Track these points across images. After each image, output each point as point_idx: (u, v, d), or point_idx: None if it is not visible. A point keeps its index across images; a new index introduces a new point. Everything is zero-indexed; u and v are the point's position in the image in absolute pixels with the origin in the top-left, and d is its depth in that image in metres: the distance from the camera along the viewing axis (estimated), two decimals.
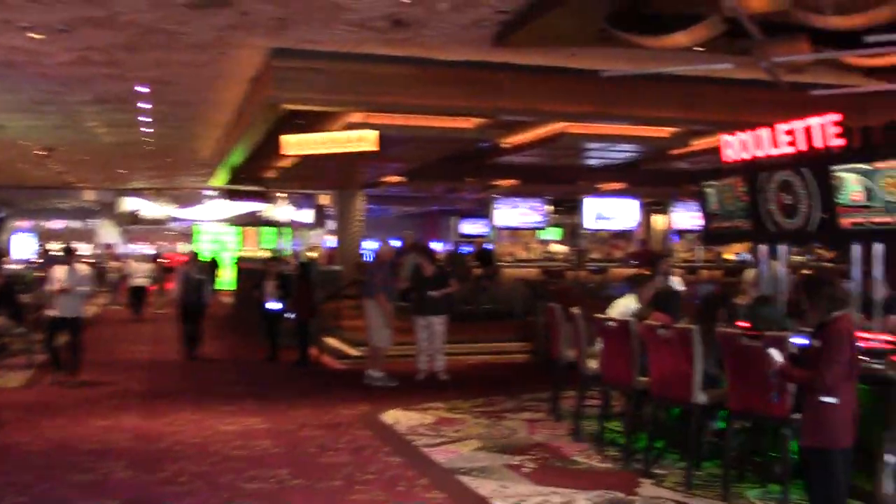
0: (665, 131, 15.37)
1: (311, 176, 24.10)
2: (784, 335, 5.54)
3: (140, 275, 22.08)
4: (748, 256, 21.52)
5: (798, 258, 17.28)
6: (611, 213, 23.66)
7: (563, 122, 14.71)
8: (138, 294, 21.76)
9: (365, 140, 12.93)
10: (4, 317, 12.68)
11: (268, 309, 13.15)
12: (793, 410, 5.36)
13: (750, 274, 9.85)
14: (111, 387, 10.85)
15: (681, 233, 25.72)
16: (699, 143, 16.11)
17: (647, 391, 6.78)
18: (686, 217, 24.41)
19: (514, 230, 23.80)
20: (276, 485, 6.36)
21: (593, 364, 7.77)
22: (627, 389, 7.11)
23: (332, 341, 13.72)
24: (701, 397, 6.21)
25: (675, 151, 17.46)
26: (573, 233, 30.37)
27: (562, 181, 22.37)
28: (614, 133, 15.28)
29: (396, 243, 17.82)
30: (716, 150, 15.89)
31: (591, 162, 20.58)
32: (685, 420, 7.05)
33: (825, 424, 4.60)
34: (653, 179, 22.22)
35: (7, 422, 8.56)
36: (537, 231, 25.53)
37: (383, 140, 13.47)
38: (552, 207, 23.91)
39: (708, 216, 8.87)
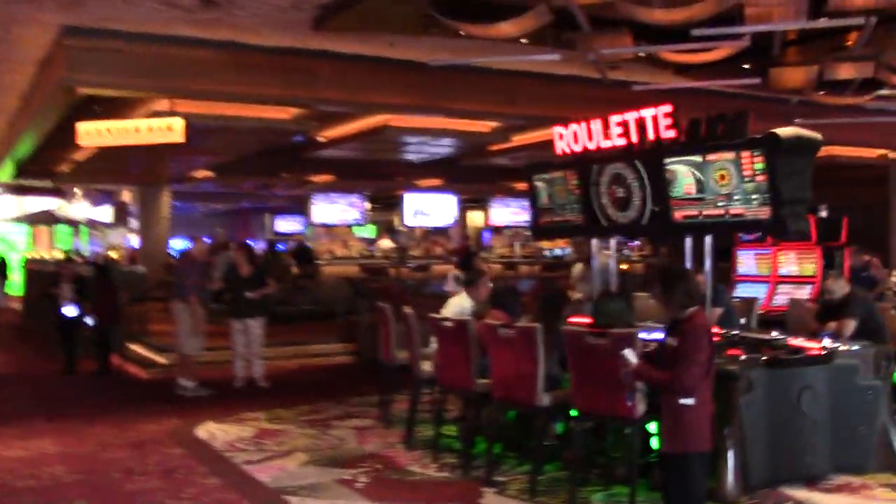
0: (486, 126, 15.26)
1: (110, 170, 22.47)
2: (633, 332, 5.32)
3: None
4: (567, 251, 22.01)
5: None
6: (429, 209, 23.52)
7: (384, 115, 14.29)
8: None
9: (170, 130, 11.91)
10: None
11: (63, 315, 11.86)
12: (648, 412, 5.12)
13: (577, 269, 9.81)
14: None
15: (497, 229, 26.01)
16: (519, 139, 16.16)
17: (487, 394, 6.43)
18: (503, 213, 24.69)
19: (331, 227, 23.19)
20: None
21: (427, 366, 7.36)
22: (466, 392, 6.73)
23: (136, 348, 12.60)
24: (545, 399, 5.91)
25: (495, 147, 17.44)
26: (389, 229, 30.03)
27: (379, 176, 21.99)
28: (436, 127, 15.01)
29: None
30: (535, 146, 16.07)
31: (411, 157, 20.30)
32: (522, 422, 6.79)
33: (684, 428, 4.36)
34: (471, 175, 22.25)
35: None
36: (353, 228, 25.07)
37: (191, 130, 12.49)
38: (369, 204, 23.51)
39: (537, 210, 8.64)
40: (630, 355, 4.65)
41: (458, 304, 7.34)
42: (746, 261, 12.09)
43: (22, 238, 37.81)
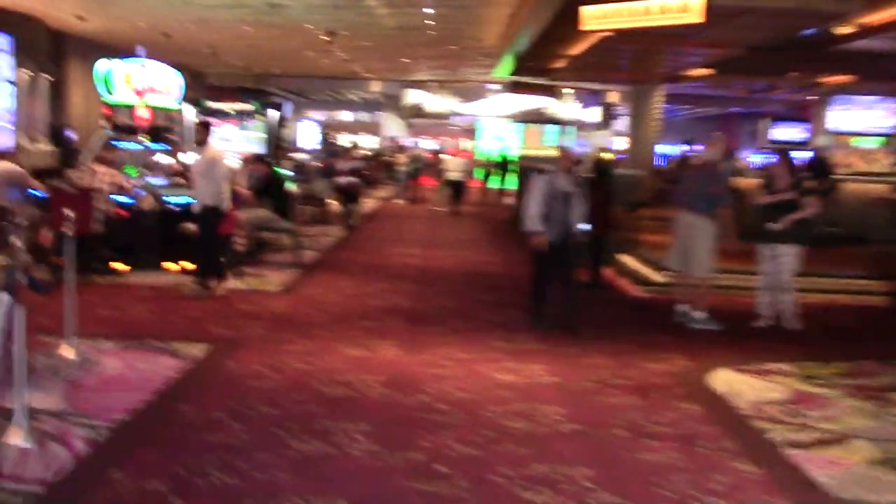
0: None
1: (602, 66, 21.60)
2: None
3: (455, 169, 22.04)
4: None
5: None
6: None
7: None
8: (455, 188, 21.76)
9: (686, 10, 10.17)
10: (269, 209, 11.54)
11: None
12: None
13: None
14: (375, 300, 9.31)
15: None
16: None
17: None
18: None
19: (848, 136, 19.84)
20: (575, 499, 4.23)
21: None
22: None
23: (629, 261, 11.37)
24: None
25: None
26: None
27: None
28: None
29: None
30: None
31: None
32: None
33: None
34: None
35: (248, 341, 7.16)
36: (873, 138, 21.28)
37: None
38: None
39: None
40: None
41: None
42: None
43: (514, 136, 39.35)
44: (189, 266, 10.45)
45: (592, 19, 10.86)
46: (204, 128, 9.33)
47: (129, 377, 5.92)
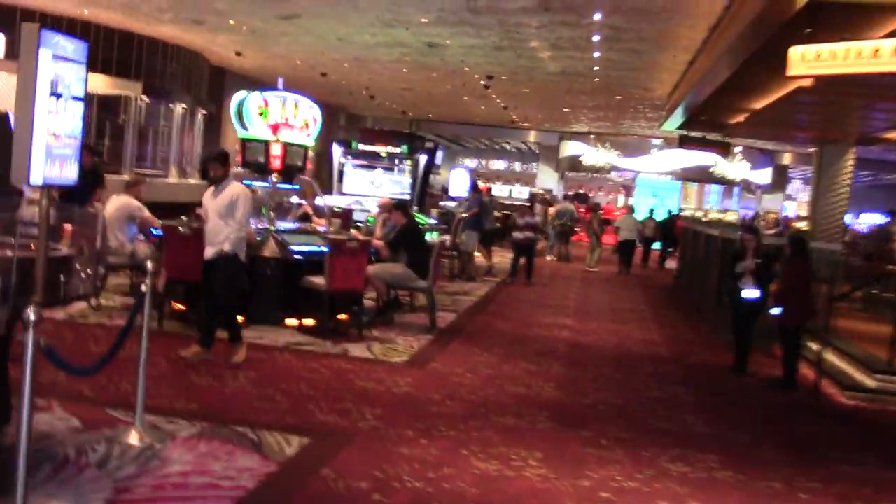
0: None
1: (784, 122, 19.35)
2: None
3: (627, 227, 20.57)
4: None
5: None
6: None
7: None
8: (626, 249, 20.27)
9: None
10: (404, 263, 10.19)
11: (742, 298, 9.12)
12: None
13: None
14: (517, 386, 7.71)
15: None
16: None
17: None
18: None
19: None
20: None
21: None
22: None
23: (831, 357, 9.32)
24: None
25: None
26: None
27: None
28: None
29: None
30: None
31: None
32: None
33: None
34: None
35: (355, 435, 5.73)
36: None
37: None
38: None
39: None
40: None
41: None
42: None
43: (674, 194, 37.23)
44: (308, 323, 9.27)
45: (802, 63, 9.00)
46: (220, 162, 7.77)
47: (191, 485, 4.57)
